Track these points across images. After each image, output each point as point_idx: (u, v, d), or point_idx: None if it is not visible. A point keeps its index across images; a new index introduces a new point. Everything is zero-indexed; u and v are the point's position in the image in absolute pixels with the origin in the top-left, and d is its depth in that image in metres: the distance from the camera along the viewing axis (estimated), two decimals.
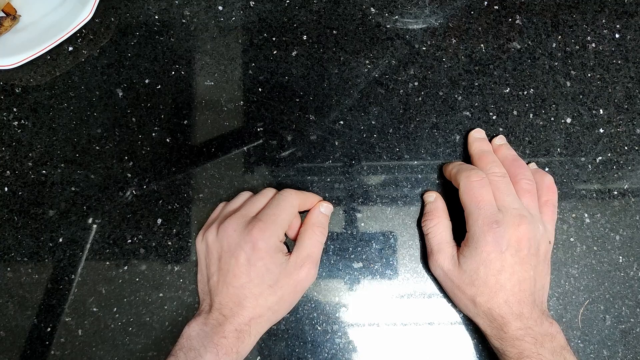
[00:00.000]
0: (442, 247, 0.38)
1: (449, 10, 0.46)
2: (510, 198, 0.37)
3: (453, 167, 0.40)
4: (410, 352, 0.40)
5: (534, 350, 0.33)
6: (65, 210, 0.42)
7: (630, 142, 0.44)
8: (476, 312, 0.36)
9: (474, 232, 0.36)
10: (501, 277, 0.35)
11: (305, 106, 0.44)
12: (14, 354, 0.40)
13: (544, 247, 0.37)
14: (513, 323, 0.34)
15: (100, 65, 0.44)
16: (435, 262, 0.38)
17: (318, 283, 0.41)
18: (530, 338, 0.33)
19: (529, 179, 0.38)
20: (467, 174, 0.37)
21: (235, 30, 0.45)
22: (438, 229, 0.39)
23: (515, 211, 0.36)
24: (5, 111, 0.43)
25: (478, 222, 0.35)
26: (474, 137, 0.42)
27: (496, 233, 0.35)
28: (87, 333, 0.40)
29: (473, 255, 0.35)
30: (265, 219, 0.36)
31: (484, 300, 0.35)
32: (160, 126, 0.43)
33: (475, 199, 0.36)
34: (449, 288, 0.38)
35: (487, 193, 0.36)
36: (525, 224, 0.35)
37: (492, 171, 0.38)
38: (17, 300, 0.40)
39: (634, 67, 0.45)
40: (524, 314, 0.34)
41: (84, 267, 0.41)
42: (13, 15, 0.43)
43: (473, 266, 0.35)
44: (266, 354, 0.40)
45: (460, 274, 0.36)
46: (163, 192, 0.42)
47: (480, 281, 0.35)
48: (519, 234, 0.35)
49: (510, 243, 0.35)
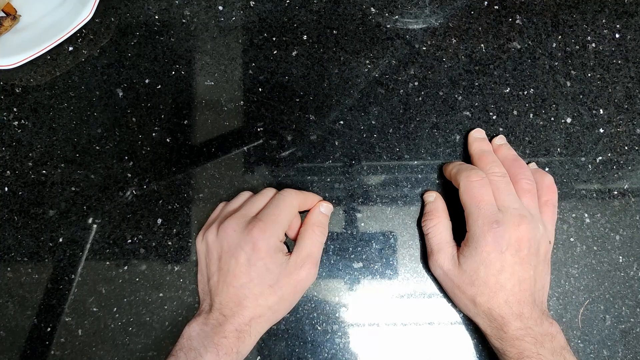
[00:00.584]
0: (442, 247, 0.38)
1: (449, 10, 0.46)
2: (510, 198, 0.37)
3: (453, 167, 0.40)
4: (410, 352, 0.40)
5: (534, 350, 0.33)
6: (65, 210, 0.42)
7: (630, 142, 0.44)
8: (476, 312, 0.36)
9: (474, 232, 0.36)
10: (501, 277, 0.35)
11: (305, 106, 0.44)
12: (14, 354, 0.40)
13: (544, 247, 0.37)
14: (513, 323, 0.34)
15: (100, 65, 0.44)
16: (435, 262, 0.38)
17: (318, 283, 0.41)
18: (530, 338, 0.33)
19: (529, 178, 0.38)
20: (467, 173, 0.37)
21: (235, 30, 0.45)
22: (438, 229, 0.39)
23: (516, 211, 0.36)
24: (5, 111, 0.43)
25: (478, 222, 0.35)
26: (473, 137, 0.42)
27: (496, 233, 0.35)
28: (87, 333, 0.40)
29: (473, 255, 0.35)
30: (265, 219, 0.36)
31: (484, 300, 0.35)
32: (160, 126, 0.43)
33: (475, 199, 0.36)
34: (448, 288, 0.38)
35: (487, 193, 0.36)
36: (525, 224, 0.35)
37: (492, 171, 0.38)
38: (17, 300, 0.40)
39: (634, 67, 0.45)
40: (524, 314, 0.34)
41: (84, 267, 0.41)
42: (13, 15, 0.43)
43: (473, 266, 0.35)
44: (266, 354, 0.40)
45: (460, 273, 0.36)
46: (163, 192, 0.42)
47: (480, 281, 0.35)
48: (519, 233, 0.35)
49: (510, 243, 0.35)
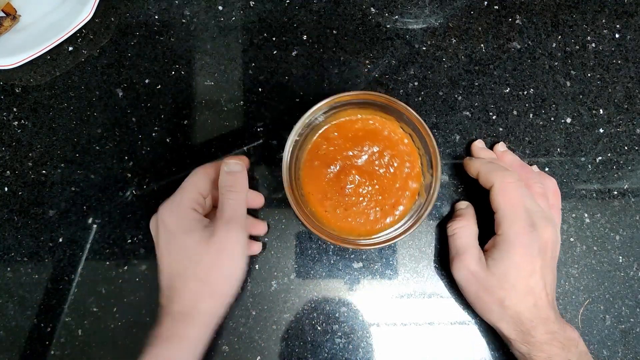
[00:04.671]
0: (468, 249, 0.37)
1: (449, 10, 0.46)
2: (532, 202, 0.36)
3: (481, 165, 0.38)
4: (410, 352, 0.40)
5: (564, 356, 0.33)
6: (65, 210, 0.42)
7: (630, 142, 0.44)
8: (501, 317, 0.36)
9: (508, 235, 0.35)
10: (531, 280, 0.34)
11: (305, 106, 0.44)
12: (14, 354, 0.40)
13: (558, 250, 0.37)
14: (541, 327, 0.34)
15: (100, 65, 0.44)
16: (461, 263, 0.37)
17: (318, 283, 0.41)
18: (557, 342, 0.33)
19: (540, 182, 0.39)
20: (502, 174, 0.37)
21: (235, 30, 0.45)
22: (465, 231, 0.38)
23: (541, 214, 0.36)
24: (5, 111, 0.43)
25: (514, 226, 0.35)
26: (478, 147, 0.42)
27: (532, 236, 0.34)
28: (87, 333, 0.40)
29: (504, 257, 0.35)
30: (171, 198, 0.35)
31: (513, 304, 0.35)
32: (160, 126, 0.43)
33: (511, 202, 0.36)
34: (472, 291, 0.37)
35: (523, 195, 0.36)
36: (550, 227, 0.35)
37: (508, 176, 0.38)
38: (17, 300, 0.40)
39: (634, 67, 0.45)
40: (550, 318, 0.34)
41: (84, 267, 0.41)
42: (13, 15, 0.43)
43: (502, 269, 0.35)
44: (266, 354, 0.40)
45: (488, 276, 0.36)
46: (163, 192, 0.42)
47: (510, 284, 0.35)
48: (546, 237, 0.35)
49: (540, 247, 0.35)
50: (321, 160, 0.38)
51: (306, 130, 0.38)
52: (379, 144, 0.38)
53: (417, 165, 0.38)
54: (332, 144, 0.39)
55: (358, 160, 0.38)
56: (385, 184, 0.38)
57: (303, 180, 0.38)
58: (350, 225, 0.38)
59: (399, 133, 0.39)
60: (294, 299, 0.41)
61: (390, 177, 0.38)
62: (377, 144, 0.38)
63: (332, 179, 0.38)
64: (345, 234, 0.37)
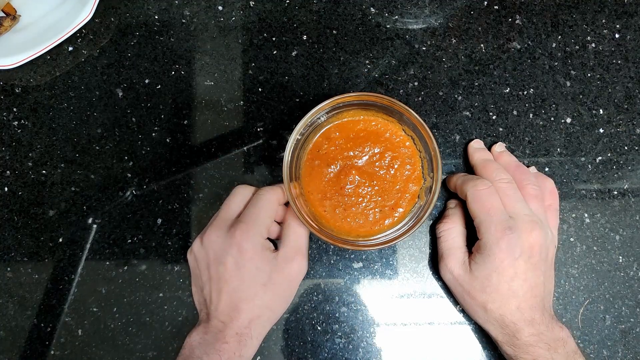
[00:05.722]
0: (453, 252, 0.38)
1: (449, 10, 0.46)
2: (520, 204, 0.36)
3: (457, 179, 0.39)
4: (410, 352, 0.40)
5: (548, 356, 0.33)
6: (65, 210, 0.42)
7: (630, 142, 0.44)
8: (487, 319, 0.36)
9: (487, 239, 0.35)
10: (514, 283, 0.35)
11: (305, 106, 0.44)
12: (14, 354, 0.40)
13: (551, 252, 0.37)
14: (526, 329, 0.34)
15: (100, 65, 0.44)
16: (445, 267, 0.38)
17: (318, 283, 0.41)
18: (543, 344, 0.33)
19: (534, 184, 0.38)
20: (473, 183, 0.37)
21: (235, 30, 0.45)
22: (451, 233, 0.38)
23: (527, 217, 0.36)
24: (5, 111, 0.43)
25: (490, 230, 0.35)
26: (474, 147, 0.42)
27: (510, 240, 0.34)
28: (87, 333, 0.40)
29: (485, 261, 0.35)
30: (246, 220, 0.36)
31: (496, 307, 0.35)
32: (160, 126, 0.43)
33: (484, 207, 0.36)
34: (458, 293, 0.38)
35: (496, 200, 0.36)
36: (537, 230, 0.35)
37: (499, 178, 0.38)
38: (17, 300, 0.40)
39: (634, 67, 0.45)
40: (536, 320, 0.34)
41: (84, 267, 0.41)
42: (13, 15, 0.43)
43: (485, 273, 0.35)
44: (266, 354, 0.40)
45: (472, 280, 0.36)
46: (163, 192, 0.42)
47: (492, 288, 0.35)
48: (531, 240, 0.35)
49: (523, 249, 0.35)
50: (322, 160, 0.38)
51: (308, 130, 0.38)
52: (380, 146, 0.38)
53: (417, 168, 0.38)
54: (334, 144, 0.39)
55: (359, 161, 0.38)
56: (385, 186, 0.38)
57: (303, 180, 0.38)
58: (350, 226, 0.38)
59: (400, 135, 0.39)
60: (294, 299, 0.40)
61: (391, 178, 0.38)
62: (378, 145, 0.38)
63: (332, 178, 0.38)
64: (344, 234, 0.37)
